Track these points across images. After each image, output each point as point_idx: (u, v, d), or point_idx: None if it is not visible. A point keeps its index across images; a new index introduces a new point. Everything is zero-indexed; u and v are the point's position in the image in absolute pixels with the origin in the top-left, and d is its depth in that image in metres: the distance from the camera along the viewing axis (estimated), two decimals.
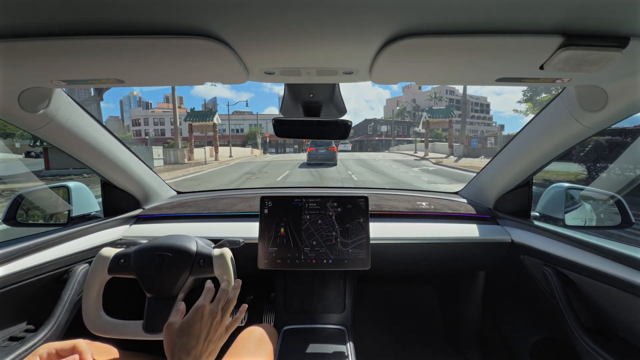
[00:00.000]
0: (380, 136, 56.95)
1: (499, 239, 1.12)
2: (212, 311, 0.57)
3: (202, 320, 0.55)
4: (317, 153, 14.63)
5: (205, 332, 0.55)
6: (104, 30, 0.46)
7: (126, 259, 0.80)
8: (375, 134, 58.23)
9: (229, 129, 45.48)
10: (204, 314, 0.56)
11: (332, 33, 0.47)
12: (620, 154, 7.30)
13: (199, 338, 0.54)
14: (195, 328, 0.54)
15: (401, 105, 63.10)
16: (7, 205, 1.04)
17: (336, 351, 0.96)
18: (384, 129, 57.33)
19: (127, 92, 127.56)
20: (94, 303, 0.78)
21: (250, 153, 30.57)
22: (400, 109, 59.71)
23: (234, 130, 50.37)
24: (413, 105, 61.66)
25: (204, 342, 0.55)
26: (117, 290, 0.93)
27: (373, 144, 55.80)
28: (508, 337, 1.22)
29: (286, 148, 50.34)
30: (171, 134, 41.48)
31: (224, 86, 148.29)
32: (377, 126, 59.30)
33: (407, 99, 67.87)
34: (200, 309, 0.56)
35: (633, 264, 0.70)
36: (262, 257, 1.02)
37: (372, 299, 1.64)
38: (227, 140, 45.15)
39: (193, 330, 0.54)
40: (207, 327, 0.56)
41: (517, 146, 1.04)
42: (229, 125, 43.79)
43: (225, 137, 44.21)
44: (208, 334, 0.56)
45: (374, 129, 59.58)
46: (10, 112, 0.72)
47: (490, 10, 0.43)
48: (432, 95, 57.69)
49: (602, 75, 0.61)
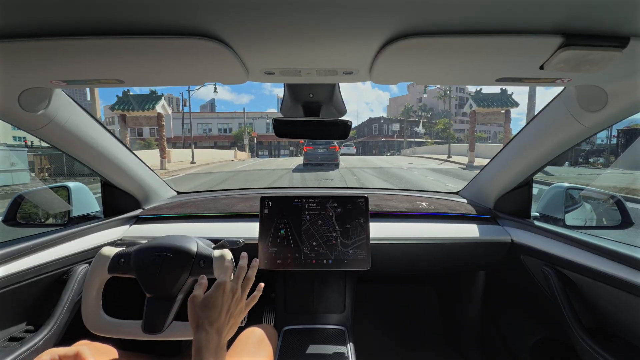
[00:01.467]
0: (390, 137, 50.80)
1: (499, 239, 1.12)
2: (232, 287, 0.61)
3: (224, 295, 0.59)
4: (315, 153, 12.78)
5: (227, 307, 0.59)
6: (104, 31, 0.46)
7: (126, 258, 0.80)
8: (381, 135, 51.89)
9: (215, 128, 40.97)
10: (226, 289, 0.60)
11: (332, 33, 0.47)
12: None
13: (221, 312, 0.58)
14: (218, 302, 0.58)
15: (407, 104, 57.86)
16: (7, 205, 1.05)
17: (336, 351, 0.96)
18: (396, 128, 49.45)
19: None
20: (93, 302, 0.78)
21: (233, 157, 25.92)
22: (407, 108, 54.68)
23: (222, 130, 42.79)
24: (420, 104, 57.93)
25: (226, 315, 0.59)
26: (117, 290, 0.93)
27: (379, 146, 50.66)
28: (508, 337, 1.22)
29: (281, 150, 44.42)
30: (150, 133, 33.05)
31: (224, 88, 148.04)
32: (383, 126, 52.91)
33: (412, 98, 63.23)
34: (222, 284, 0.60)
35: (633, 264, 0.70)
36: (262, 257, 1.02)
37: (372, 299, 1.64)
38: (213, 142, 40.81)
39: (216, 303, 0.58)
40: (228, 302, 0.60)
41: (517, 146, 1.04)
42: (204, 126, 39.27)
43: (212, 138, 41.16)
44: (229, 309, 0.60)
45: (379, 129, 52.97)
46: (10, 112, 0.72)
47: (490, 10, 0.43)
48: (440, 94, 54.92)
49: (602, 75, 0.61)
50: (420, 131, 43.37)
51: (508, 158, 1.09)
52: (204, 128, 42.12)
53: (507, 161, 1.10)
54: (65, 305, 0.84)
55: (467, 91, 60.55)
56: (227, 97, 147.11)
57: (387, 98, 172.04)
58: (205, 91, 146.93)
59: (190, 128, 24.95)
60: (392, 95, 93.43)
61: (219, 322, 0.57)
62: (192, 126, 24.88)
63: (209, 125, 42.61)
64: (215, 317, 0.57)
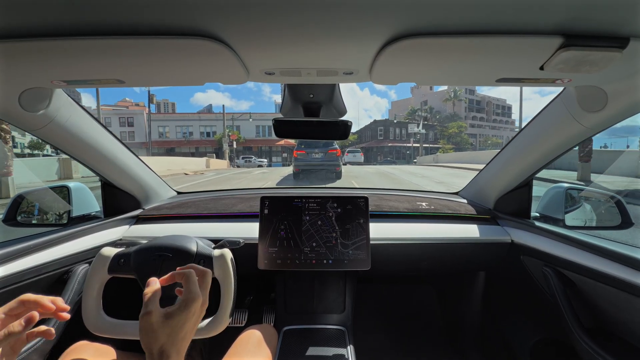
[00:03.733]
0: (401, 142, 44.75)
1: (499, 239, 1.12)
2: (204, 301, 0.51)
3: (196, 312, 0.50)
4: (309, 159, 8.91)
5: (193, 323, 0.50)
6: (104, 31, 0.46)
7: (126, 258, 0.80)
8: (387, 140, 45.55)
9: (197, 132, 35.41)
10: (198, 306, 0.50)
11: (333, 33, 0.47)
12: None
13: (188, 332, 0.49)
14: (188, 323, 0.49)
15: (410, 106, 53.10)
16: (7, 205, 1.05)
17: (336, 351, 0.96)
18: (419, 129, 39.51)
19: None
20: (93, 303, 0.78)
21: (205, 166, 20.96)
22: (412, 110, 50.45)
23: (204, 133, 36.97)
24: (425, 107, 51.03)
25: (190, 333, 0.50)
26: (117, 290, 0.93)
27: (385, 152, 44.47)
28: (508, 338, 1.22)
29: (272, 157, 36.74)
30: (146, 137, 28.64)
31: (224, 95, 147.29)
32: (389, 130, 46.09)
33: (416, 101, 57.99)
34: (198, 300, 0.49)
35: (633, 264, 0.70)
36: (262, 258, 1.02)
37: (372, 299, 1.64)
38: (194, 147, 35.52)
39: (186, 325, 0.48)
40: (196, 317, 0.50)
41: (517, 147, 1.04)
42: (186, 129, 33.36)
43: (193, 143, 36.18)
44: (195, 323, 0.51)
45: (385, 133, 46.24)
46: (10, 112, 0.73)
47: (490, 11, 0.43)
48: (449, 95, 49.25)
49: (602, 75, 0.61)
50: (421, 132, 41.36)
51: (508, 158, 1.09)
52: (183, 132, 37.40)
53: (507, 161, 1.10)
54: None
55: (476, 93, 56.26)
56: (226, 103, 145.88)
57: (385, 105, 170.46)
58: (205, 97, 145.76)
59: (150, 131, 22.11)
60: (391, 100, 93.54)
61: (184, 344, 0.47)
62: (151, 129, 21.57)
63: (190, 128, 37.24)
64: (181, 339, 0.47)
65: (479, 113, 56.78)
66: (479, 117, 56.38)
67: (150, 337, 0.45)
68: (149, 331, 0.45)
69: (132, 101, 51.86)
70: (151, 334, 0.45)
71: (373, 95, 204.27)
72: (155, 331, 0.45)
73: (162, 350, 0.45)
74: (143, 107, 40.86)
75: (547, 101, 0.88)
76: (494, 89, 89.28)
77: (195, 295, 0.49)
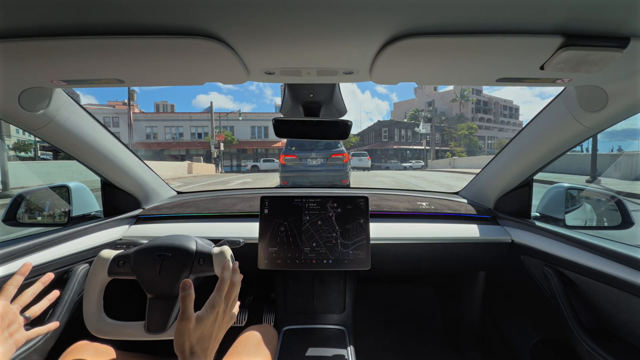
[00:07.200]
0: (410, 144, 41.78)
1: (499, 239, 1.12)
2: (224, 309, 0.56)
3: (217, 317, 0.55)
4: (302, 167, 6.48)
5: (217, 329, 0.56)
6: (104, 31, 0.46)
7: (126, 260, 0.80)
8: (392, 142, 42.26)
9: (188, 133, 32.49)
10: (219, 311, 0.55)
11: (333, 33, 0.47)
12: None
13: (212, 337, 0.54)
14: (215, 328, 0.55)
15: (414, 108, 50.37)
16: (7, 205, 1.04)
17: (336, 351, 0.96)
18: (427, 130, 37.66)
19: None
20: (94, 305, 0.78)
21: (185, 171, 18.62)
22: (416, 111, 47.88)
23: (195, 134, 34.54)
24: (429, 108, 47.35)
25: (215, 340, 0.56)
26: (118, 291, 0.93)
27: (388, 155, 41.47)
28: (508, 337, 1.22)
29: (269, 162, 28.30)
30: (129, 138, 25.46)
31: (226, 97, 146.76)
32: (394, 131, 42.83)
33: (420, 102, 54.73)
34: (217, 306, 0.54)
35: (633, 264, 0.70)
36: (262, 257, 1.02)
37: (372, 299, 1.64)
38: (184, 149, 33.05)
39: (212, 330, 0.54)
40: (219, 323, 0.56)
41: (518, 146, 1.04)
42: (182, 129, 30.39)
43: (183, 145, 33.50)
44: (220, 329, 0.56)
45: (390, 135, 42.92)
46: (10, 112, 0.72)
47: (490, 10, 0.43)
48: (456, 96, 46.66)
49: (602, 75, 0.61)
50: (421, 131, 40.03)
51: (508, 158, 1.09)
52: (172, 133, 34.69)
53: (507, 161, 1.10)
54: (66, 305, 0.84)
55: (483, 94, 53.73)
56: (228, 105, 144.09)
57: (386, 107, 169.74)
58: (207, 99, 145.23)
59: (132, 131, 19.15)
60: (392, 102, 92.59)
61: (211, 344, 0.53)
62: (132, 129, 18.74)
63: (180, 129, 34.57)
64: (208, 339, 0.53)
65: (486, 114, 55.20)
66: (486, 118, 54.98)
67: (185, 339, 0.51)
68: (184, 334, 0.51)
69: (120, 102, 45.93)
70: (186, 337, 0.51)
71: (374, 97, 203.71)
72: (191, 335, 0.51)
73: (193, 352, 0.51)
74: (134, 106, 37.94)
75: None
76: (500, 90, 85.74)
77: (215, 302, 0.55)
